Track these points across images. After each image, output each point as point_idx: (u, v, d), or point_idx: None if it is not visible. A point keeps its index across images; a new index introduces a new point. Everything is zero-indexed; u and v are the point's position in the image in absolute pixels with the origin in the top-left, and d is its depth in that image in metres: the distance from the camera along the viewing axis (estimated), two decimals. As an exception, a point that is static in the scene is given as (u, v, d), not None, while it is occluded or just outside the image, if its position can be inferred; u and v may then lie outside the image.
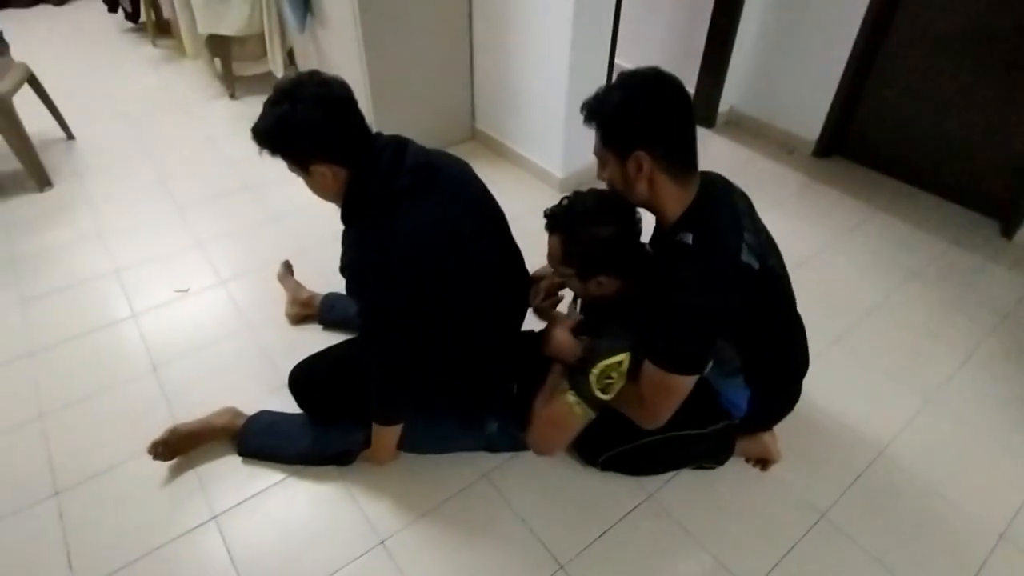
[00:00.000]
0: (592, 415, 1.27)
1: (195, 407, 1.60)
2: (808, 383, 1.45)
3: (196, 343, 1.87)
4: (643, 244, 1.33)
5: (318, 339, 1.88)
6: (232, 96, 3.29)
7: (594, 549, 1.39)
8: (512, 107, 2.69)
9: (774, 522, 1.45)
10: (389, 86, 2.55)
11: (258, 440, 1.53)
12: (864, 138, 2.82)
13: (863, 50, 2.58)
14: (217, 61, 3.33)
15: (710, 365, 1.25)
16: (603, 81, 2.43)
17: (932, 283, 2.17)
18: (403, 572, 1.34)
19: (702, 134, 3.14)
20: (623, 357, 1.21)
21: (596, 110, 1.15)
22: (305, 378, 1.51)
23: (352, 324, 1.83)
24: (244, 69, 3.35)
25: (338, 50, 2.58)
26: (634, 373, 1.22)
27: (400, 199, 1.18)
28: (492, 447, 1.54)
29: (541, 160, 2.67)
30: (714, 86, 3.12)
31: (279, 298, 1.99)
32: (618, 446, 1.44)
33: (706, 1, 2.90)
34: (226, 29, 2.99)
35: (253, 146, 1.15)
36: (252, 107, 1.89)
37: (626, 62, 2.03)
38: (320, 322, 1.91)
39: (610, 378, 1.22)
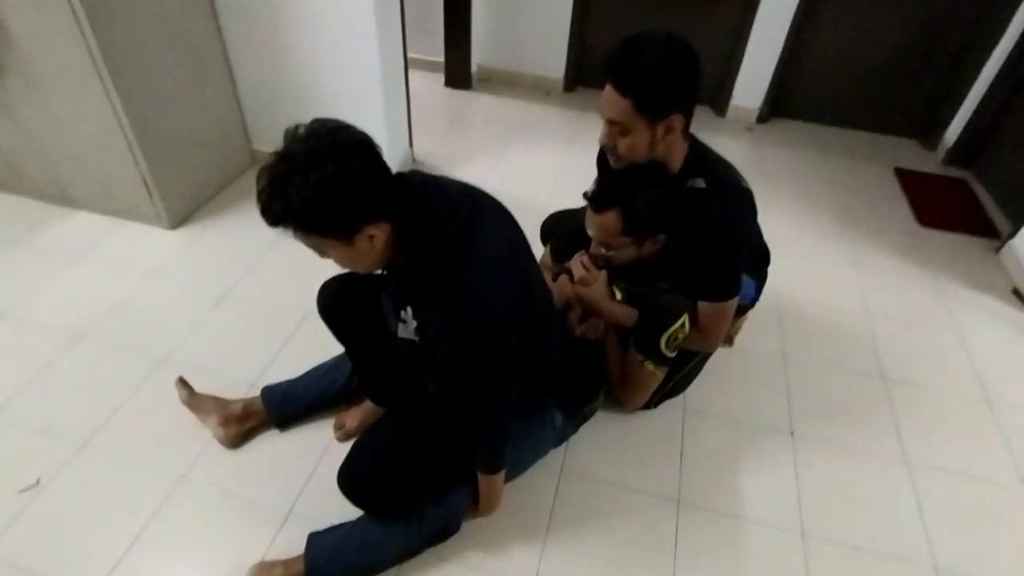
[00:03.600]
0: (667, 368, 1.44)
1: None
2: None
3: (124, 537, 1.33)
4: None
5: (283, 445, 1.52)
6: None
7: (687, 476, 1.51)
8: (303, 117, 2.38)
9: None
10: (156, 134, 2.03)
11: (341, 562, 1.23)
12: (597, 66, 3.28)
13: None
14: None
15: None
16: (402, 67, 2.34)
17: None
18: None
19: (462, 96, 3.33)
20: (684, 319, 1.35)
21: (635, 78, 1.15)
22: (368, 478, 1.23)
23: (318, 406, 1.55)
24: None
25: (60, 100, 1.92)
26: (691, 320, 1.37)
27: (470, 229, 1.05)
28: (562, 438, 1.52)
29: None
30: (463, 50, 3.22)
31: (185, 424, 1.52)
32: (669, 389, 1.60)
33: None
34: None
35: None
36: None
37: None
38: (276, 425, 1.54)
39: (676, 339, 1.37)
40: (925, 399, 1.75)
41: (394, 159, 2.47)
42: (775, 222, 2.39)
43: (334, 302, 1.35)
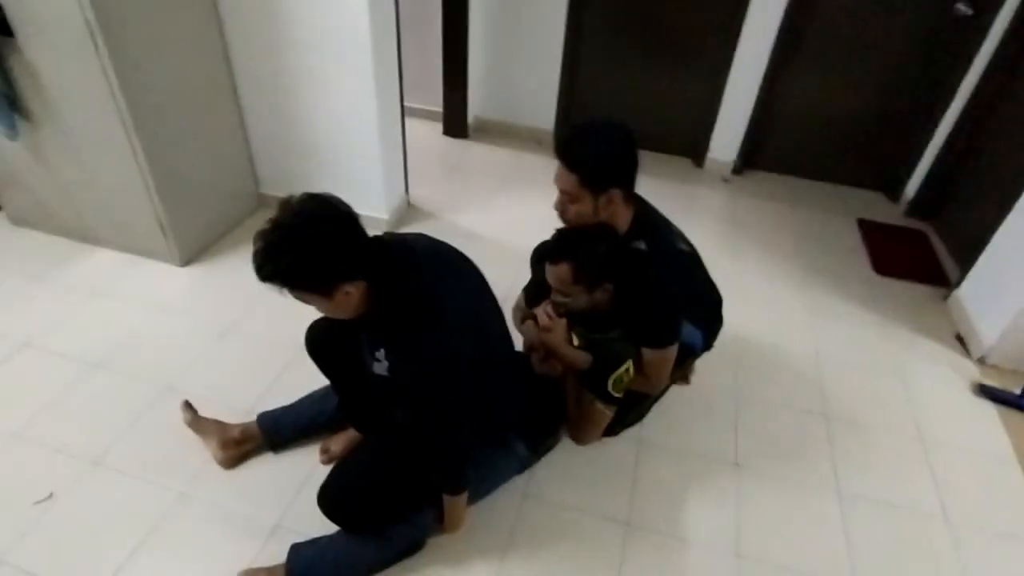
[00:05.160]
0: (615, 408, 1.64)
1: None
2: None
3: (127, 546, 1.50)
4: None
5: (275, 466, 1.69)
6: None
7: (637, 502, 1.67)
8: (309, 166, 2.62)
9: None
10: (173, 180, 2.25)
11: (318, 571, 1.39)
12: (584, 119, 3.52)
13: (572, 47, 3.22)
14: None
15: None
16: (399, 119, 2.58)
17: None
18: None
19: (459, 144, 3.58)
20: (628, 365, 1.56)
21: (580, 159, 1.40)
22: (344, 497, 1.40)
23: (309, 431, 1.73)
24: None
25: (87, 146, 2.15)
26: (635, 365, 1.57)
27: (434, 285, 1.24)
28: (524, 466, 1.68)
29: (360, 208, 2.67)
30: (460, 101, 3.48)
31: (186, 446, 1.70)
32: (627, 417, 1.79)
33: (432, 29, 3.21)
34: None
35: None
36: None
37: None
38: (270, 447, 1.71)
39: (622, 382, 1.56)
40: (863, 437, 1.90)
41: (390, 204, 2.68)
42: (743, 268, 2.60)
43: (319, 340, 1.54)
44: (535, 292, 1.84)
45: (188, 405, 1.73)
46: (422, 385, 1.23)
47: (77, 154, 2.20)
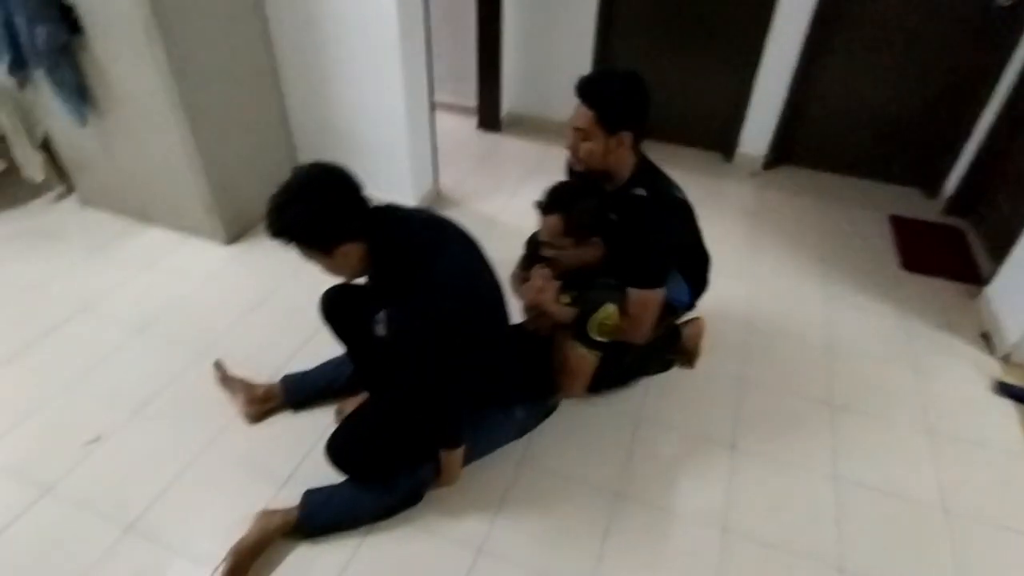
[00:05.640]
0: (600, 354, 1.69)
1: (211, 543, 1.50)
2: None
3: (161, 483, 1.67)
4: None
5: (294, 423, 1.84)
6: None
7: (629, 474, 1.73)
8: (345, 153, 2.78)
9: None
10: (220, 166, 2.45)
11: (325, 514, 1.52)
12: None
13: (603, 41, 3.28)
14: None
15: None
16: (427, 112, 2.71)
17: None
18: (512, 560, 1.51)
19: (492, 138, 3.69)
20: (612, 309, 1.62)
21: (598, 95, 1.50)
22: (347, 448, 1.53)
23: (326, 393, 1.87)
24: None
25: (145, 133, 2.37)
26: (620, 311, 1.63)
27: (427, 252, 1.35)
28: (523, 430, 1.77)
29: (389, 195, 2.82)
30: (494, 96, 3.59)
31: (217, 402, 1.87)
32: (611, 376, 1.87)
33: (467, 26, 3.34)
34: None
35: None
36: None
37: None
38: (291, 407, 1.86)
39: (606, 326, 1.63)
40: (867, 425, 1.89)
41: (418, 192, 2.82)
42: (761, 259, 2.60)
43: (331, 306, 1.69)
44: (532, 256, 1.91)
45: (219, 364, 1.90)
46: (407, 339, 1.35)
47: (136, 139, 2.43)
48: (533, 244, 1.87)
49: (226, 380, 1.87)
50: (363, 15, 2.35)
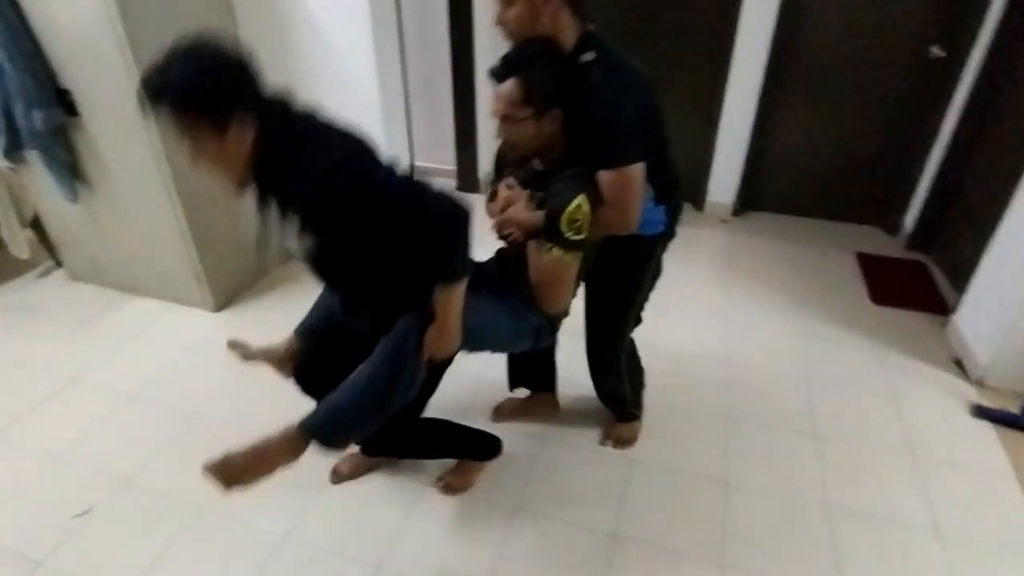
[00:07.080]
0: (579, 255, 1.46)
1: None
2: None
3: (154, 552, 1.64)
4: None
5: (282, 484, 1.82)
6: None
7: (625, 514, 1.74)
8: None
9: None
10: (209, 237, 2.52)
11: (327, 414, 1.40)
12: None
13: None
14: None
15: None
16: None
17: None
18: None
19: (471, 199, 3.80)
20: (580, 199, 1.38)
21: None
22: (318, 375, 1.48)
23: (334, 319, 1.65)
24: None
25: (136, 208, 2.44)
26: (594, 205, 1.40)
27: (322, 129, 1.24)
28: (539, 338, 1.58)
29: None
30: (470, 159, 3.76)
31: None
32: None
33: (442, 96, 3.53)
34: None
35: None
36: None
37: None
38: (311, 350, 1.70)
39: (577, 220, 1.38)
40: (853, 454, 1.94)
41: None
42: (736, 299, 2.69)
43: (308, 381, 1.61)
44: (499, 173, 1.72)
45: (235, 343, 1.70)
46: (344, 198, 1.17)
47: (126, 214, 2.50)
48: (500, 158, 1.70)
49: (248, 354, 1.70)
50: (345, 94, 2.48)
